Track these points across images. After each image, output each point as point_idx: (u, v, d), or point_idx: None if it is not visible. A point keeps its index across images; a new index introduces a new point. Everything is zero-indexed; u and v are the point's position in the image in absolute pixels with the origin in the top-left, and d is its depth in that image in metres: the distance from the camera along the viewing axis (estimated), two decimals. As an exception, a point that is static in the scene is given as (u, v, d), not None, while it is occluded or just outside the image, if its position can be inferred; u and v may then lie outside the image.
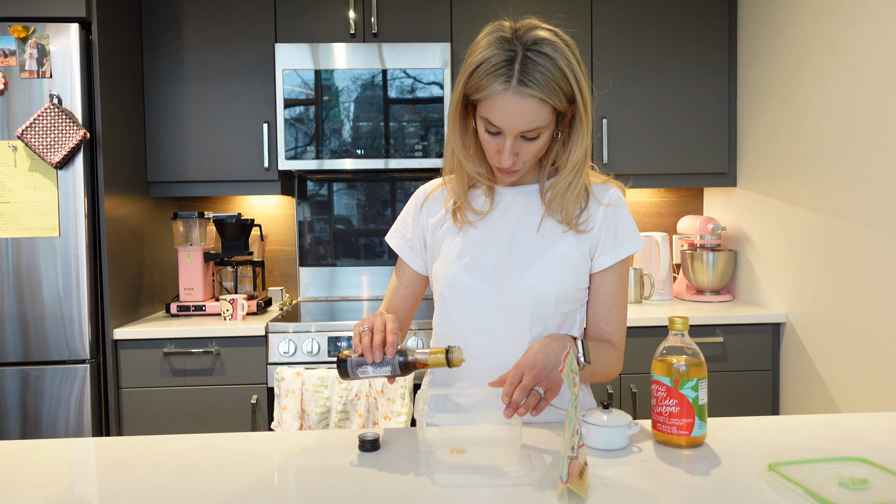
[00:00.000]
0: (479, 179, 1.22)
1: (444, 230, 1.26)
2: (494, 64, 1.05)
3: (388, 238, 1.35)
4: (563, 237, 1.20)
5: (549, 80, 1.04)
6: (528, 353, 1.04)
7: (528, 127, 1.08)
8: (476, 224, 1.23)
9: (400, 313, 1.33)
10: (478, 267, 1.21)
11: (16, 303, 2.15)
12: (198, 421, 2.30)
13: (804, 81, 2.28)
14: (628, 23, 2.65)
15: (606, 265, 1.22)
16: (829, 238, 2.17)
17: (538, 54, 1.04)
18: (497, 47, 1.06)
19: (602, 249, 1.21)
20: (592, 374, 1.19)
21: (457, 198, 1.24)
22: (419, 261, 1.32)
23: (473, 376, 1.21)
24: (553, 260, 1.19)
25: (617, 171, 2.67)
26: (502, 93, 1.05)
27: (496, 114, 1.07)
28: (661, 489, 0.91)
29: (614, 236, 1.21)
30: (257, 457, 1.06)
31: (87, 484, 0.97)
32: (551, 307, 1.19)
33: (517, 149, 1.12)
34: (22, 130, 2.08)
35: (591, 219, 1.21)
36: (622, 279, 1.24)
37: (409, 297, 1.34)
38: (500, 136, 1.11)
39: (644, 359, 2.39)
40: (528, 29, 1.07)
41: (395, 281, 1.35)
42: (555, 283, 1.18)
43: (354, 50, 2.49)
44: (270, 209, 2.97)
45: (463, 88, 1.11)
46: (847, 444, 1.08)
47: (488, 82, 1.05)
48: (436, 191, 1.31)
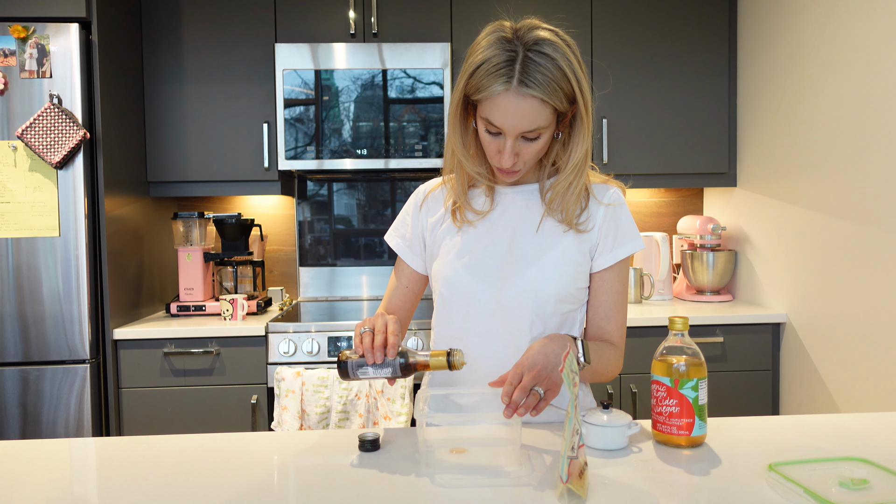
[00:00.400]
0: (479, 179, 1.22)
1: (443, 229, 1.26)
2: (495, 64, 1.05)
3: (387, 237, 1.35)
4: (564, 237, 1.20)
5: (550, 81, 1.04)
6: (528, 353, 1.03)
7: (528, 127, 1.08)
8: (476, 223, 1.23)
9: (399, 313, 1.33)
10: (477, 266, 1.21)
11: (16, 303, 2.15)
12: (198, 421, 2.30)
13: (804, 81, 2.28)
14: (628, 23, 2.65)
15: (607, 265, 1.22)
16: (829, 238, 2.17)
17: (539, 54, 1.04)
18: (498, 47, 1.06)
19: (602, 249, 1.21)
20: (592, 374, 1.19)
21: (456, 197, 1.23)
22: (418, 260, 1.32)
23: (474, 376, 1.20)
24: (553, 260, 1.19)
25: (617, 171, 2.67)
26: (503, 93, 1.05)
27: (497, 114, 1.07)
28: (661, 489, 0.91)
29: (614, 236, 1.21)
30: (257, 457, 1.06)
31: (87, 484, 0.97)
32: (551, 307, 1.19)
33: (518, 149, 1.11)
34: (22, 130, 2.08)
35: (592, 219, 1.21)
36: (622, 279, 1.24)
37: (408, 296, 1.34)
38: (500, 136, 1.11)
39: (644, 359, 2.39)
40: (528, 29, 1.07)
41: (394, 280, 1.35)
42: (555, 283, 1.18)
43: (354, 50, 2.49)
44: (270, 209, 2.97)
45: (463, 89, 1.11)
46: (847, 444, 1.08)
47: (489, 83, 1.05)
48: (435, 190, 1.31)
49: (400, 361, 1.05)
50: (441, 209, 1.28)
